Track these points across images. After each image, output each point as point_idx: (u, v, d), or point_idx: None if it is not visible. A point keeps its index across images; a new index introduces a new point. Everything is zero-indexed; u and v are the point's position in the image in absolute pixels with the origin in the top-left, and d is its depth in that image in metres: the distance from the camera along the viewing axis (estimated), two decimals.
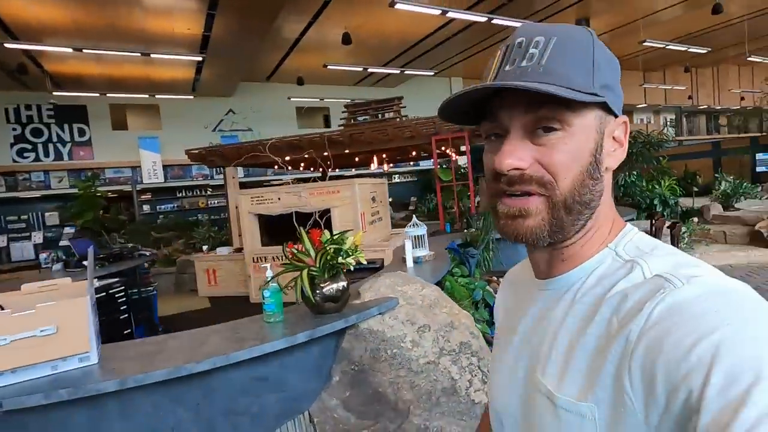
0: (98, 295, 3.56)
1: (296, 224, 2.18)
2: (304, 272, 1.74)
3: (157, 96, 11.51)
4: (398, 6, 6.68)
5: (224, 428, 1.60)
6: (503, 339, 0.62)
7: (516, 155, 0.47)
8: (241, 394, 1.62)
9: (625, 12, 11.18)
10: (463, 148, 6.51)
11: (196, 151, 7.27)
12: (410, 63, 12.84)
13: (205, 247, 6.89)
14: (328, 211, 5.52)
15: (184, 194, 13.93)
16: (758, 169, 9.79)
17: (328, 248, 1.78)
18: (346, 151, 6.63)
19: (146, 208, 13.32)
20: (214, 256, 6.60)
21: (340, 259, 1.77)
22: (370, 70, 11.75)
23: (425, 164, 15.03)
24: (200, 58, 9.09)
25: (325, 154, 6.87)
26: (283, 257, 1.90)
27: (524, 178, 0.47)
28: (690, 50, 12.29)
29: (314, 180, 5.57)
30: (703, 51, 12.48)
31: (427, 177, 15.40)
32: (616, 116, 0.51)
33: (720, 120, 23.25)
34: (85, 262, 4.09)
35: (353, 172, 11.42)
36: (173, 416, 1.53)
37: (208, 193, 14.14)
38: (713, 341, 0.34)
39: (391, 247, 5.42)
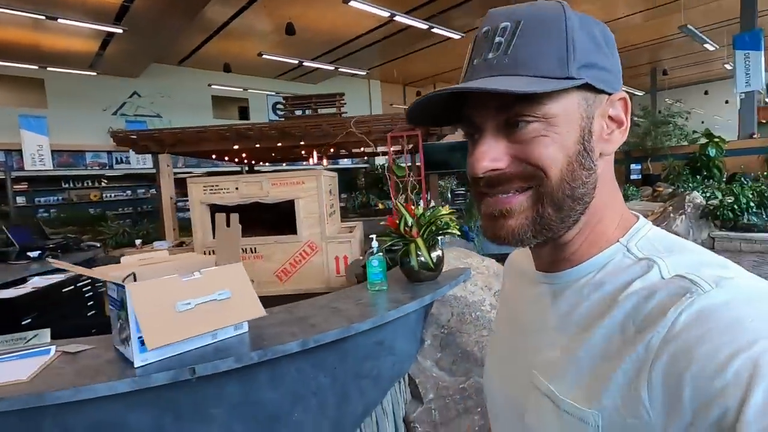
0: (66, 289, 3.13)
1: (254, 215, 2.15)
2: (413, 244, 1.82)
3: (48, 69, 9.85)
4: (352, 3, 6.81)
5: (354, 391, 1.63)
6: (502, 329, 0.60)
7: (490, 156, 0.44)
8: (365, 359, 1.67)
9: None
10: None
11: (122, 134, 6.51)
12: (338, 61, 12.93)
13: (138, 242, 6.18)
14: (290, 202, 5.43)
15: (71, 185, 12.05)
16: (632, 176, 12.04)
17: (438, 220, 1.87)
18: (302, 143, 6.54)
19: (20, 200, 11.24)
20: (152, 251, 5.97)
21: (447, 229, 1.89)
22: (305, 63, 11.56)
23: (344, 163, 15.24)
24: (115, 30, 8.07)
25: (279, 145, 6.73)
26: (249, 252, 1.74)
27: (504, 177, 0.44)
28: None
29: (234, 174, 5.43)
30: None
31: (350, 175, 15.62)
32: (609, 94, 0.45)
33: None
34: (32, 254, 3.49)
35: (283, 166, 11.13)
36: (315, 382, 1.53)
37: (103, 184, 12.46)
38: (752, 356, 0.31)
39: (357, 238, 5.55)
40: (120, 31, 7.87)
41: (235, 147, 6.46)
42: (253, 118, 14.50)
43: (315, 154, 8.51)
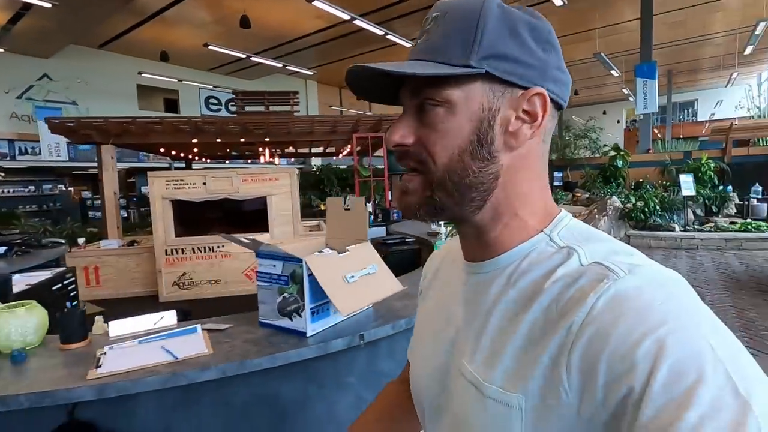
0: (55, 287, 2.85)
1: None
2: None
3: None
4: (315, 3, 6.85)
5: None
6: (427, 319, 0.60)
7: (400, 132, 0.46)
8: None
9: None
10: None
11: (57, 122, 5.84)
12: (279, 58, 12.66)
13: (81, 240, 5.53)
14: (262, 199, 5.32)
15: None
16: (555, 183, 13.49)
17: None
18: (266, 139, 6.40)
19: None
20: (97, 251, 5.39)
21: None
22: (253, 58, 11.14)
23: (278, 164, 14.89)
24: (42, 4, 7.15)
25: (242, 140, 6.50)
26: (205, 250, 1.62)
27: (406, 154, 0.47)
28: None
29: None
30: None
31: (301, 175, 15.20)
32: (525, 88, 0.45)
33: None
34: None
35: (227, 163, 10.63)
36: None
37: (0, 177, 10.82)
38: (660, 336, 0.33)
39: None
40: (48, 5, 6.99)
41: (194, 141, 6.12)
42: (183, 111, 13.59)
43: (267, 151, 8.31)
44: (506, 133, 0.45)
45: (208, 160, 9.71)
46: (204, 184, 5.15)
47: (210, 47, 9.78)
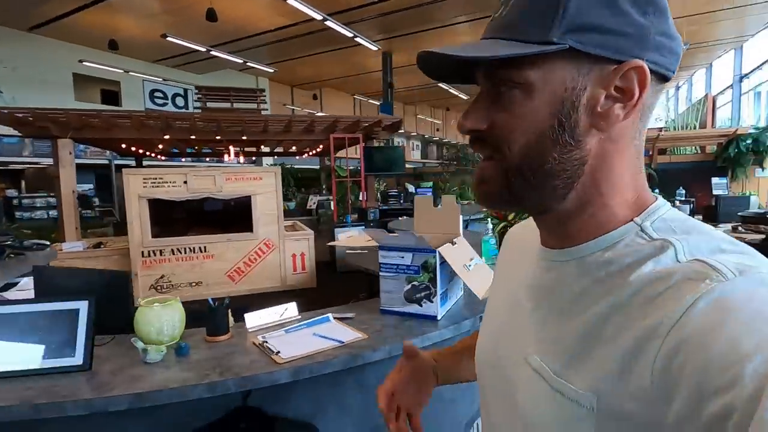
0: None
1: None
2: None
3: None
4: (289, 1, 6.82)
5: None
6: (498, 302, 0.58)
7: (473, 117, 0.43)
8: None
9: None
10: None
11: (6, 112, 5.31)
12: (234, 54, 12.23)
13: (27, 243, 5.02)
14: (246, 198, 5.22)
15: None
16: None
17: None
18: (244, 138, 6.25)
19: None
20: (61, 254, 4.95)
21: None
22: (213, 53, 10.65)
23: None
24: None
25: (218, 138, 6.29)
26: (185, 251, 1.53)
27: (481, 141, 0.44)
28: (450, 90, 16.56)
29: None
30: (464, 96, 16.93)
31: None
32: (619, 62, 0.39)
33: (444, 150, 30.53)
34: None
35: (182, 161, 10.09)
36: None
37: None
38: None
39: (312, 236, 5.62)
40: None
41: (165, 137, 5.83)
42: (125, 104, 12.66)
43: (232, 150, 8.07)
44: (593, 115, 0.40)
45: (162, 158, 9.18)
46: (185, 182, 4.96)
47: (169, 38, 9.24)
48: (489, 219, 2.31)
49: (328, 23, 7.74)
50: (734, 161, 9.10)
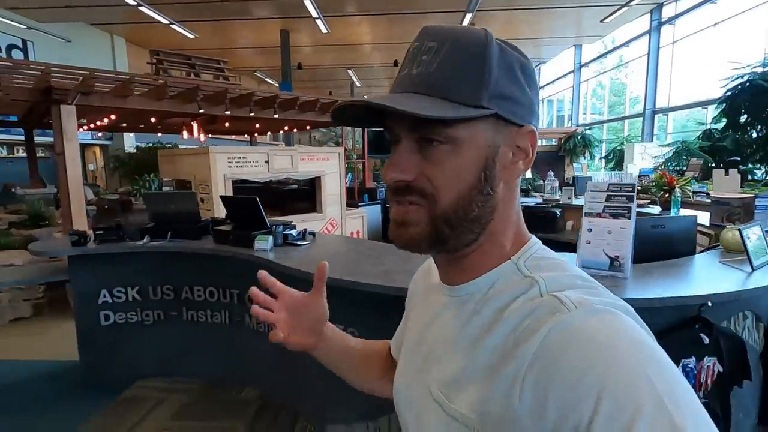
0: None
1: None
2: None
3: None
4: None
5: None
6: (409, 335, 0.63)
7: (400, 167, 0.46)
8: None
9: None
10: None
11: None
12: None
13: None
14: (311, 180, 5.24)
15: None
16: None
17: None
18: (251, 114, 5.87)
19: None
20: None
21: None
22: None
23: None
24: None
25: (228, 113, 5.79)
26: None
27: (408, 188, 0.47)
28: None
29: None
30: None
31: None
32: (520, 126, 0.47)
33: None
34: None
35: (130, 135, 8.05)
36: None
37: None
38: (601, 371, 0.36)
39: (365, 214, 5.99)
40: None
41: (201, 111, 5.15)
42: None
43: (195, 126, 7.21)
44: (504, 169, 0.48)
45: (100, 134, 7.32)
46: (266, 162, 4.73)
47: None
48: None
49: None
50: (572, 152, 12.54)
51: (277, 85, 12.73)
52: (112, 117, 6.04)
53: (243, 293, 2.71)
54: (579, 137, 10.96)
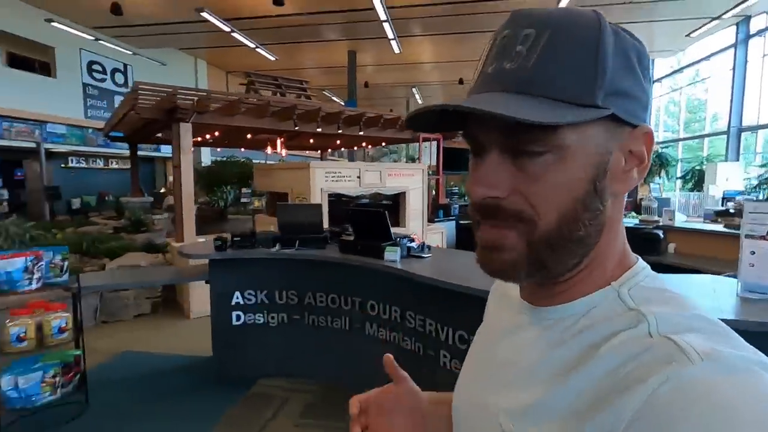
0: None
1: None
2: None
3: None
4: None
5: None
6: (478, 351, 0.55)
7: (489, 182, 0.39)
8: None
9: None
10: None
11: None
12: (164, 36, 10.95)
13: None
14: (396, 196, 5.41)
15: None
16: None
17: None
18: (339, 131, 6.18)
19: None
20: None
21: None
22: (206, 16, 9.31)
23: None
24: None
25: (340, 131, 6.12)
26: None
27: (500, 209, 0.39)
28: None
29: None
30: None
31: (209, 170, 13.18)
32: (634, 126, 0.39)
33: None
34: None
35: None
36: None
37: None
38: None
39: (445, 229, 6.07)
40: None
41: (296, 128, 5.52)
42: (60, 77, 10.22)
43: (279, 142, 7.67)
44: (616, 179, 0.39)
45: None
46: (358, 177, 4.96)
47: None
48: None
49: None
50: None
51: (342, 103, 13.23)
52: (216, 134, 6.61)
53: (365, 301, 2.86)
54: (655, 156, 10.55)
